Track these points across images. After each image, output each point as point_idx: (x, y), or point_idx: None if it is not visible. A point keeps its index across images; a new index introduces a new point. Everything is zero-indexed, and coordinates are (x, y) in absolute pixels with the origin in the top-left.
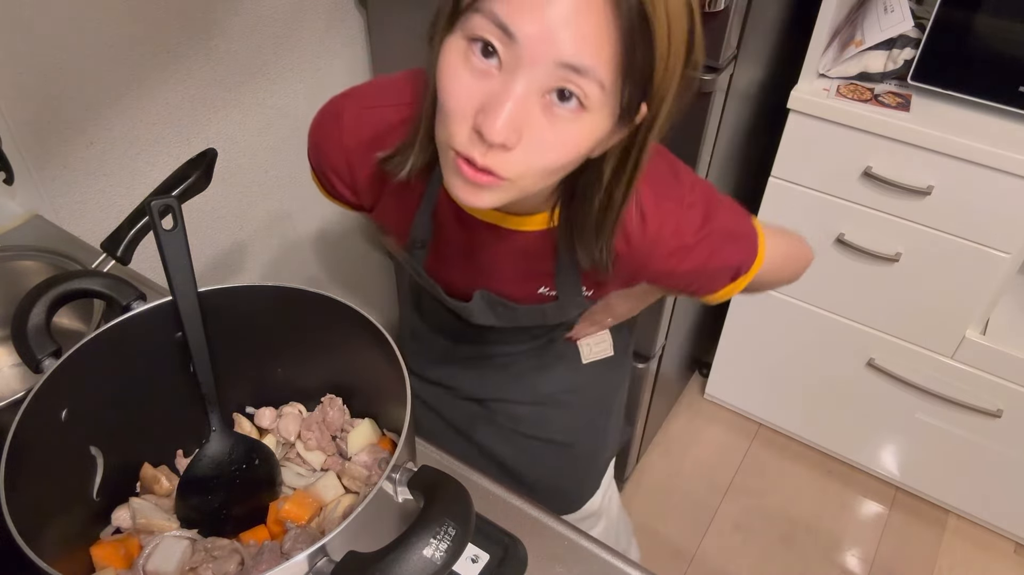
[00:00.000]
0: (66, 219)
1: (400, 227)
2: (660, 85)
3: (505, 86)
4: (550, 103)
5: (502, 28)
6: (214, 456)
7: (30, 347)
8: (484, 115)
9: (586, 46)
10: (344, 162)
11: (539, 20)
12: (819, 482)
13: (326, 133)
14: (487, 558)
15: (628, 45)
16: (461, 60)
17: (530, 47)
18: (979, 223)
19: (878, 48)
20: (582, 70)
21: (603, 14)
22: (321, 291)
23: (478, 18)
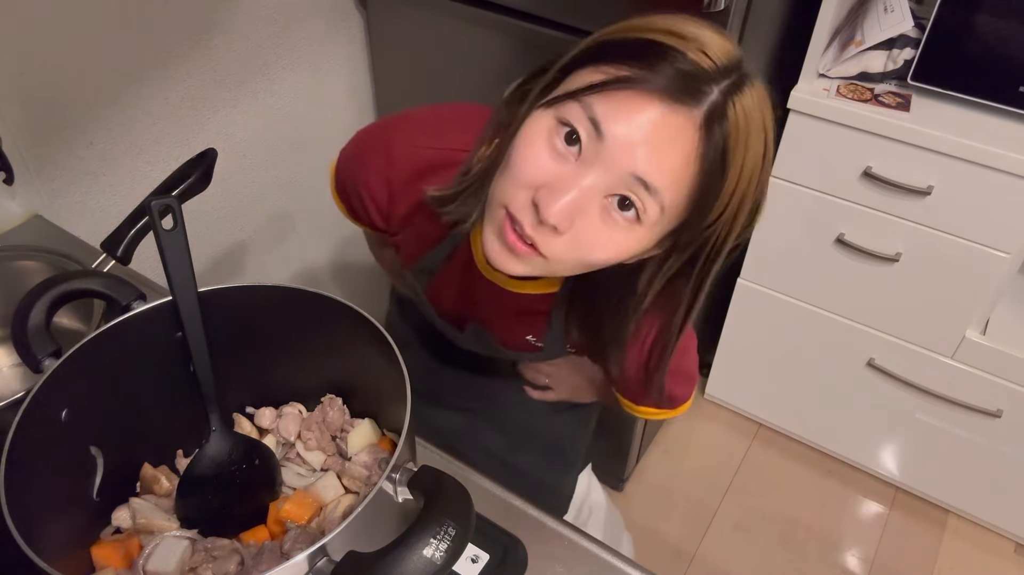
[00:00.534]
0: (66, 219)
1: (414, 254)
2: (715, 224)
3: (576, 175)
4: (609, 206)
5: (594, 124)
6: (214, 456)
7: (30, 347)
8: (548, 193)
9: (663, 167)
10: (386, 194)
11: (630, 129)
12: (819, 482)
13: (371, 162)
14: (487, 558)
15: (701, 179)
16: (544, 135)
17: (613, 150)
18: (979, 223)
19: (878, 48)
20: (651, 188)
21: (690, 144)
22: (321, 291)
23: (575, 107)
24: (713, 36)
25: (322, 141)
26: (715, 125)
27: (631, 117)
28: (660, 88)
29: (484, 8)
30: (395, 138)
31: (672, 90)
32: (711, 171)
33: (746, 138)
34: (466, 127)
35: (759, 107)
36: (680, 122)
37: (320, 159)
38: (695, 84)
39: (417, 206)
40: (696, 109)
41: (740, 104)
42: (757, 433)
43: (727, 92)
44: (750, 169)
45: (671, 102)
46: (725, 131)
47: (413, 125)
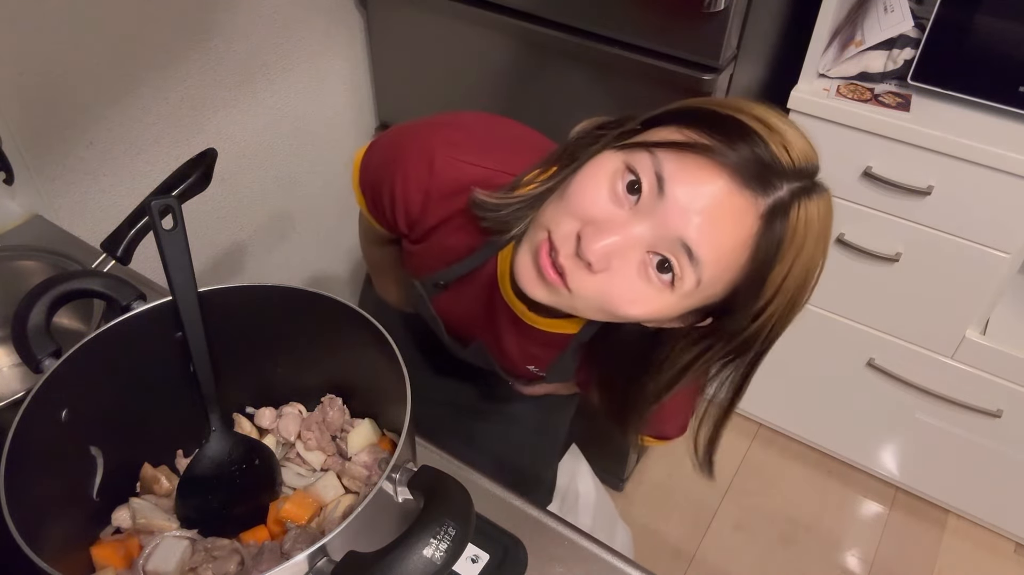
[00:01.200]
0: (66, 219)
1: (431, 265)
2: (752, 317)
3: (627, 222)
4: (648, 263)
5: (659, 179)
6: (214, 456)
7: (30, 347)
8: (595, 230)
9: (713, 243)
10: (420, 204)
11: (692, 195)
12: (819, 482)
13: (410, 169)
14: (487, 558)
15: (746, 267)
16: (609, 174)
17: (670, 210)
18: (979, 223)
19: (878, 48)
20: (695, 259)
21: (746, 230)
22: (321, 291)
23: (646, 157)
24: (798, 136)
25: (322, 141)
26: (776, 220)
27: (696, 183)
28: (733, 165)
29: (484, 8)
30: (439, 149)
31: (744, 172)
32: (759, 262)
33: (802, 242)
34: (516, 150)
35: (823, 218)
36: (743, 205)
37: (320, 159)
38: (768, 174)
39: (448, 219)
40: (762, 198)
41: (805, 208)
42: (757, 433)
43: (796, 193)
44: (799, 273)
45: (740, 183)
46: (784, 229)
47: (461, 137)
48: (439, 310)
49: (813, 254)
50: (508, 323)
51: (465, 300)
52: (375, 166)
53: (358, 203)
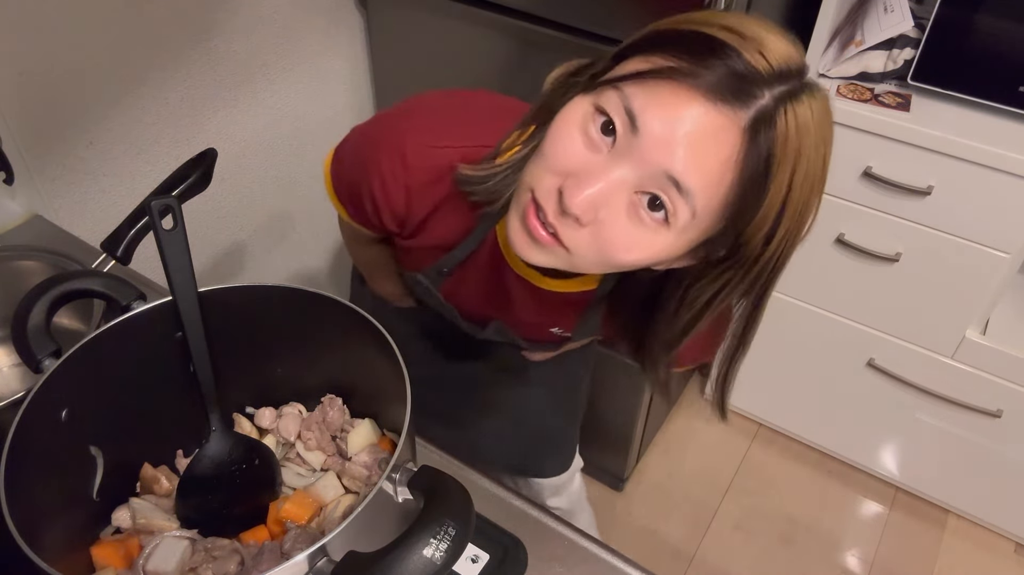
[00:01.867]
0: (66, 219)
1: (430, 256)
2: (757, 242)
3: (606, 167)
4: (638, 204)
5: (630, 115)
6: (214, 456)
7: (30, 347)
8: (575, 181)
9: (699, 170)
10: (404, 200)
11: (667, 125)
12: (819, 482)
13: (383, 168)
14: (487, 558)
15: (740, 188)
16: (580, 122)
17: (647, 145)
18: (979, 223)
19: (878, 48)
20: (684, 190)
21: (730, 148)
22: (321, 291)
23: (613, 95)
24: (776, 39)
25: (322, 141)
26: (761, 131)
27: (669, 112)
28: (706, 85)
29: (484, 8)
30: (408, 140)
31: (718, 88)
32: (752, 180)
33: (797, 149)
34: (491, 119)
35: (819, 119)
36: (722, 123)
37: (320, 159)
38: (745, 85)
39: (437, 208)
40: (742, 111)
41: (793, 113)
42: (757, 433)
43: (780, 99)
44: (803, 183)
45: (715, 100)
46: (771, 139)
47: (429, 122)
48: (448, 297)
49: (813, 160)
50: (523, 293)
51: (473, 281)
52: (347, 172)
53: (339, 212)
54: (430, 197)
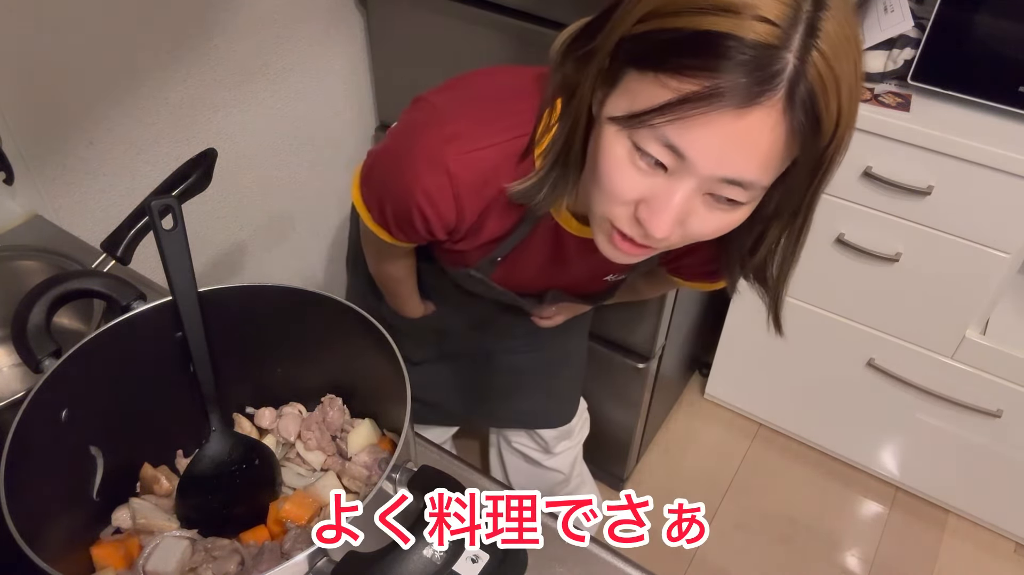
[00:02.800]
0: (66, 219)
1: (481, 252)
2: (820, 151)
3: (669, 188)
4: (711, 200)
5: (672, 149)
6: (214, 456)
7: (30, 347)
8: (649, 212)
9: (755, 164)
10: (455, 210)
11: (711, 145)
12: (819, 482)
13: (428, 185)
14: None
15: (797, 146)
16: (626, 156)
17: (699, 164)
18: (979, 223)
19: (878, 48)
20: (745, 183)
21: (775, 129)
22: (321, 291)
23: (649, 137)
24: None
25: (322, 141)
26: (797, 94)
27: (708, 134)
28: (730, 99)
29: (484, 8)
30: (447, 151)
31: (743, 94)
32: (805, 131)
33: (836, 76)
34: (511, 108)
35: (842, 25)
36: (760, 116)
37: (320, 159)
38: (764, 71)
39: (486, 209)
40: (772, 94)
41: (818, 52)
42: (757, 433)
43: (803, 51)
44: (848, 93)
45: (745, 103)
46: (810, 90)
47: (458, 127)
48: (502, 282)
49: (849, 68)
50: (584, 254)
51: (528, 259)
52: (390, 199)
53: (379, 235)
54: (480, 200)
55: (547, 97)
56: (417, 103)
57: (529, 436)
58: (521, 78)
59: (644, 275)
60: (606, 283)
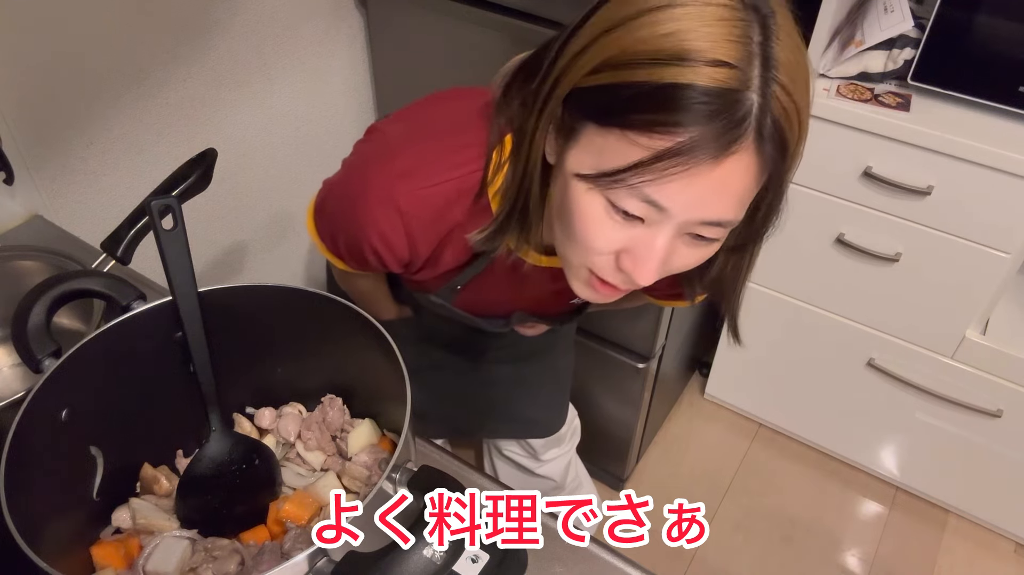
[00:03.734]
0: (66, 219)
1: (440, 280)
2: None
3: (651, 236)
4: (689, 239)
5: (651, 203)
6: (214, 456)
7: (30, 347)
8: (634, 262)
9: (729, 203)
10: (407, 246)
11: (691, 193)
12: (819, 482)
13: (380, 222)
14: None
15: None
16: (603, 215)
17: (678, 213)
18: (979, 223)
19: (878, 48)
20: (723, 223)
21: (749, 169)
22: (321, 291)
23: (626, 195)
24: (709, 29)
25: (322, 141)
26: (764, 131)
27: (684, 187)
28: (701, 152)
29: (484, 8)
30: (397, 189)
31: (713, 144)
32: (775, 162)
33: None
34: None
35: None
36: (734, 161)
37: (320, 159)
38: (733, 116)
39: (442, 242)
40: (743, 138)
41: (778, 82)
42: (757, 433)
43: (763, 85)
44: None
45: (718, 151)
46: (776, 120)
47: (408, 163)
48: (464, 307)
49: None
50: (546, 281)
51: (490, 286)
52: (341, 232)
53: (335, 264)
54: (433, 235)
55: (494, 136)
56: (370, 133)
57: (519, 444)
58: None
59: None
60: (572, 305)
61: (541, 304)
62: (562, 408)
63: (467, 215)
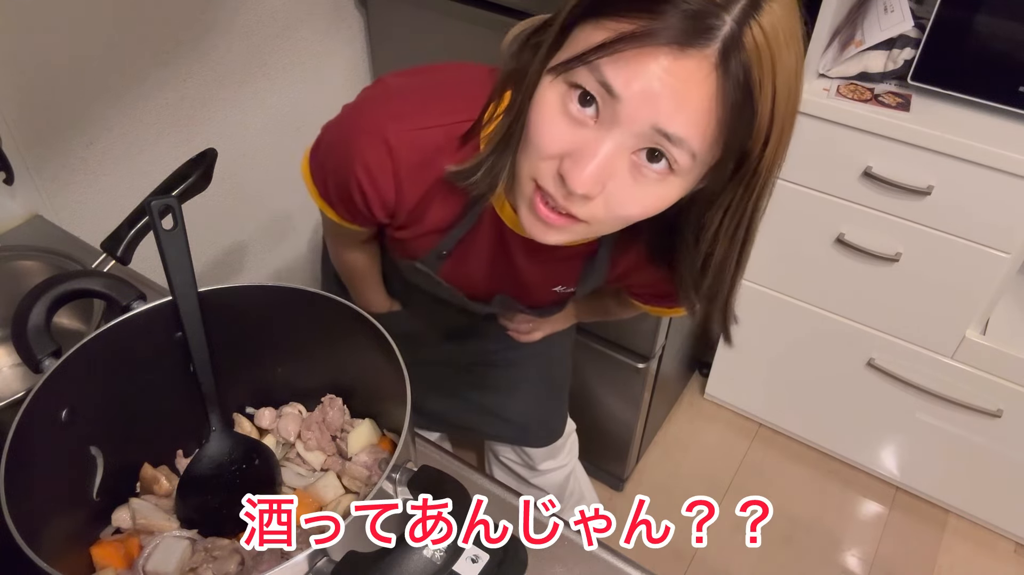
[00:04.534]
0: (66, 219)
1: (427, 242)
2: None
3: (597, 140)
4: (639, 162)
5: (605, 87)
6: (214, 456)
7: (30, 347)
8: (572, 164)
9: (685, 117)
10: (393, 187)
11: (643, 84)
12: (819, 482)
13: (368, 158)
14: (487, 558)
15: (729, 119)
16: (558, 103)
17: (630, 107)
18: (979, 223)
19: (878, 48)
20: (675, 139)
21: (708, 86)
22: (321, 291)
23: (583, 71)
24: None
25: None
26: (732, 59)
27: (641, 74)
28: (666, 38)
29: (484, 8)
30: (390, 127)
31: (679, 36)
32: (737, 105)
33: (772, 60)
34: (461, 95)
35: (784, 21)
36: (693, 66)
37: None
38: (702, 22)
39: (428, 192)
40: (708, 47)
41: (759, 26)
42: (757, 433)
43: (742, 18)
44: (784, 89)
45: (680, 48)
46: (745, 61)
47: (404, 105)
48: (449, 279)
49: (788, 60)
50: (527, 255)
51: (474, 257)
52: (331, 171)
53: (326, 213)
54: (420, 181)
55: (496, 87)
56: (376, 83)
57: (515, 452)
58: (473, 71)
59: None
60: (555, 294)
61: (524, 288)
62: (557, 419)
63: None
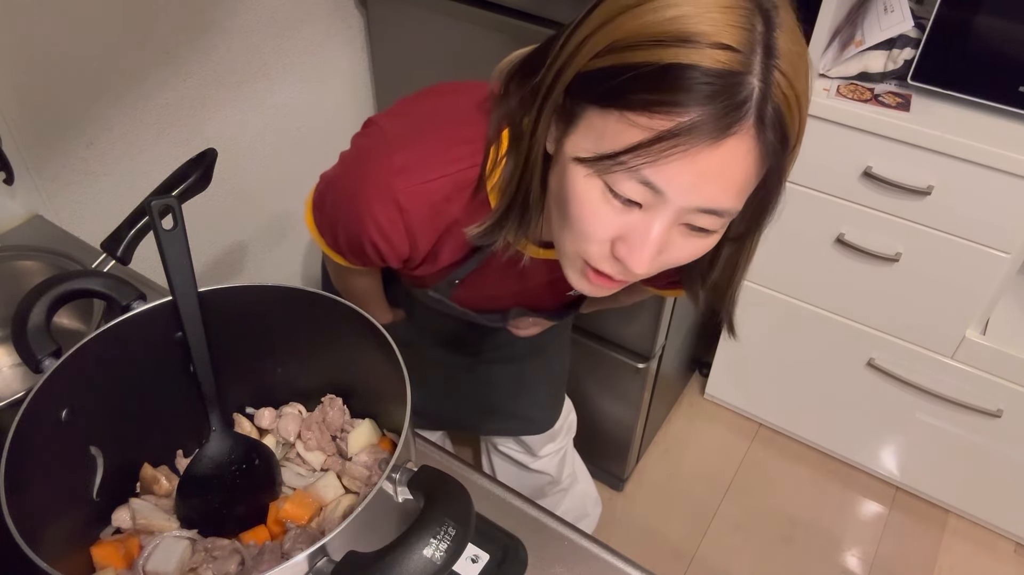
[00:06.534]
0: (66, 219)
1: (440, 274)
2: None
3: (646, 222)
4: (686, 230)
5: (649, 186)
6: (214, 456)
7: (30, 347)
8: (628, 249)
9: (729, 191)
10: (407, 241)
11: (689, 179)
12: (819, 482)
13: (379, 217)
14: (487, 558)
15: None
16: (600, 200)
17: (675, 198)
18: (979, 223)
19: (878, 48)
20: (721, 212)
21: (749, 154)
22: (321, 291)
23: (624, 178)
24: (713, 15)
25: (322, 141)
26: (766, 115)
27: (683, 170)
28: (701, 133)
29: (484, 8)
30: (397, 185)
31: (713, 127)
32: (776, 152)
33: (796, 93)
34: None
35: (795, 47)
36: (733, 144)
37: (320, 159)
38: (733, 99)
39: (441, 237)
40: (743, 121)
41: (779, 71)
42: (757, 433)
43: (764, 73)
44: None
45: (717, 135)
46: (777, 108)
47: (407, 159)
48: (462, 302)
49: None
50: (544, 273)
51: (489, 280)
52: (341, 226)
53: (334, 259)
54: (432, 231)
55: (492, 131)
56: (367, 127)
57: (514, 440)
58: (472, 97)
59: None
60: (568, 298)
61: (538, 298)
62: (557, 406)
63: (465, 210)
